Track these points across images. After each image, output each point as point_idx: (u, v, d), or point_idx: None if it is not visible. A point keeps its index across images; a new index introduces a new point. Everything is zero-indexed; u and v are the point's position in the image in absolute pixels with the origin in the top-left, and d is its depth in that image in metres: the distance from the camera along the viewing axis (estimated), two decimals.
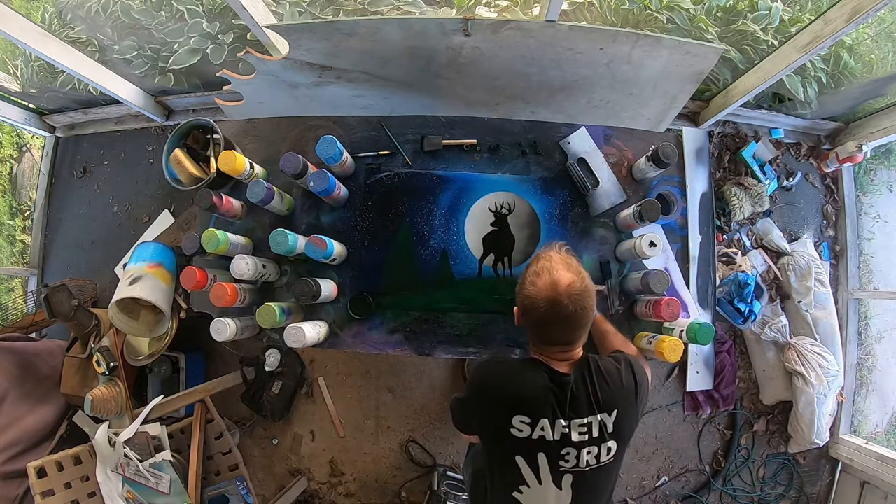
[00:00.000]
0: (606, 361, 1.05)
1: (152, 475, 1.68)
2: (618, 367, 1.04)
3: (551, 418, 0.98)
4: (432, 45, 1.60)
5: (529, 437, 0.99)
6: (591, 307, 1.00)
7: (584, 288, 0.98)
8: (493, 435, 1.06)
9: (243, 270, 1.28)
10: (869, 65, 2.02)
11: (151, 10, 1.92)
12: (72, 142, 2.50)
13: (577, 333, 1.02)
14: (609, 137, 1.54)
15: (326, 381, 2.24)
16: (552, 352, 1.04)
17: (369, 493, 2.24)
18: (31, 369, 1.90)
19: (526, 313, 1.04)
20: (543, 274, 1.00)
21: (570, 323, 0.99)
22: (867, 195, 2.46)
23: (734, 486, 2.27)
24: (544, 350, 1.05)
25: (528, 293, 1.01)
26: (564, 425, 0.98)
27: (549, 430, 0.98)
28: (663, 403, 2.25)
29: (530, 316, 1.02)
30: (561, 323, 0.99)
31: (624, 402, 1.02)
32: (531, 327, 1.06)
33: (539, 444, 0.99)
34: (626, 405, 1.02)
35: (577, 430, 0.98)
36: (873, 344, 2.41)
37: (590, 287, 1.00)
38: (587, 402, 0.99)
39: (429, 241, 1.49)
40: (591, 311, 1.00)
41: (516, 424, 0.99)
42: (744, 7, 1.89)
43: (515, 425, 0.99)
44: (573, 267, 1.02)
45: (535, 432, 0.98)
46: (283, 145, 1.54)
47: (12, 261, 2.75)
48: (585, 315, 0.99)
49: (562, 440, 0.98)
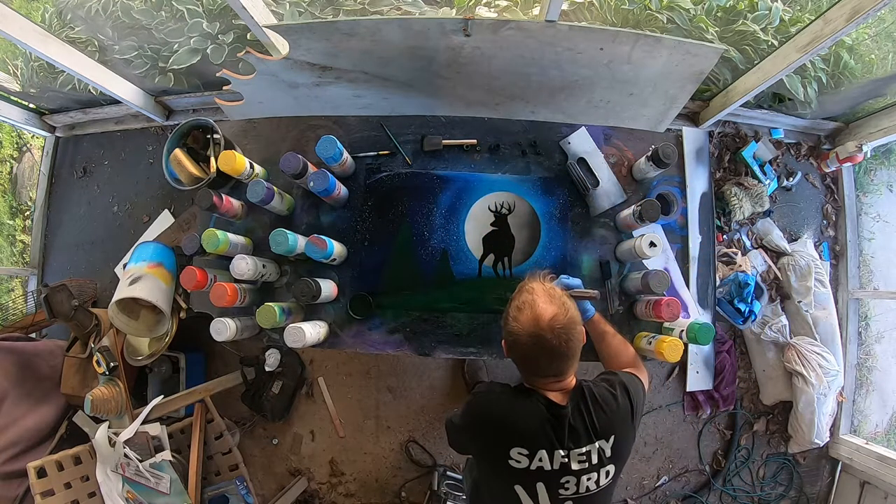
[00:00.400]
0: (601, 388, 1.04)
1: (152, 475, 1.68)
2: (612, 392, 1.04)
3: (549, 449, 0.97)
4: (432, 45, 1.60)
5: (528, 468, 0.98)
6: (577, 339, 0.99)
7: (567, 320, 0.97)
8: (491, 464, 1.06)
9: (243, 270, 1.28)
10: (869, 65, 2.02)
11: (151, 10, 1.92)
12: (72, 142, 2.50)
13: (566, 365, 1.00)
14: (609, 137, 1.54)
15: (326, 381, 2.24)
16: (544, 383, 1.03)
17: (369, 493, 2.24)
18: (31, 369, 1.90)
19: (511, 349, 1.03)
20: (525, 308, 0.98)
21: (557, 356, 0.98)
22: (867, 195, 2.46)
23: (734, 486, 2.27)
24: (536, 382, 1.04)
25: (511, 329, 1.00)
26: (563, 455, 0.97)
27: (548, 460, 0.98)
28: (663, 403, 2.25)
29: (516, 351, 1.01)
30: (547, 357, 0.98)
31: (621, 426, 1.02)
32: (518, 362, 1.04)
33: (538, 475, 0.99)
34: (624, 428, 1.02)
35: (576, 459, 0.98)
36: (873, 344, 2.41)
37: (574, 318, 0.99)
38: (585, 432, 0.98)
39: (429, 241, 1.49)
40: (577, 342, 0.99)
41: (514, 456, 0.99)
42: (744, 7, 1.89)
43: (513, 457, 0.99)
44: (556, 298, 1.00)
45: (534, 463, 0.98)
46: (283, 145, 1.54)
47: (12, 261, 2.75)
48: (571, 346, 0.98)
49: (561, 469, 0.98)
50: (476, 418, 1.08)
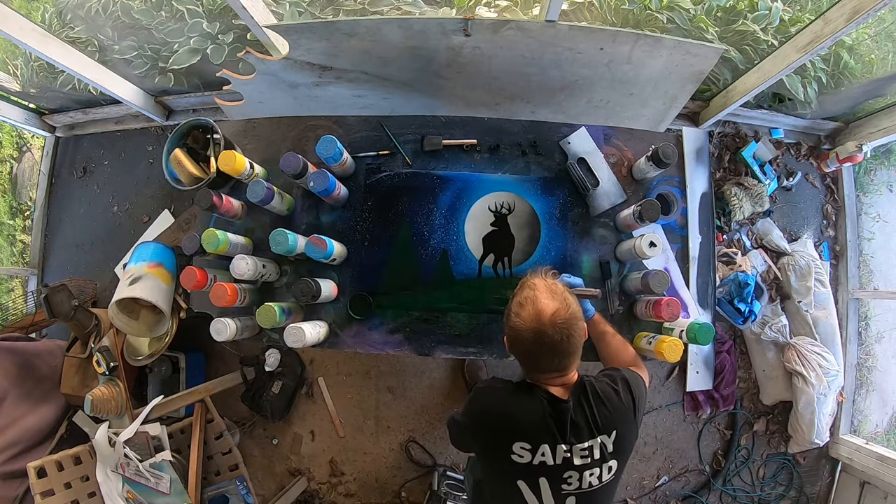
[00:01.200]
0: (602, 383, 1.04)
1: (152, 475, 1.68)
2: (615, 388, 1.04)
3: (552, 444, 0.97)
4: (432, 45, 1.60)
5: (530, 462, 0.98)
6: (578, 334, 0.98)
7: (569, 315, 0.97)
8: (494, 460, 1.06)
9: (243, 270, 1.28)
10: (869, 65, 2.02)
11: (151, 10, 1.92)
12: (72, 142, 2.50)
13: (568, 360, 1.00)
14: (609, 137, 1.53)
15: (326, 381, 2.24)
16: (546, 378, 1.03)
17: (369, 493, 2.24)
18: (31, 369, 1.90)
19: (513, 344, 1.03)
20: (527, 304, 0.98)
21: (559, 352, 0.98)
22: (867, 195, 2.46)
23: (734, 486, 2.27)
24: (538, 377, 1.04)
25: (513, 325, 1.00)
26: (566, 450, 0.97)
27: (550, 455, 0.98)
28: (663, 403, 2.25)
29: (517, 347, 1.02)
30: (549, 352, 0.98)
31: (623, 421, 1.02)
32: (520, 357, 1.05)
33: (540, 469, 0.99)
34: (626, 423, 1.02)
35: (578, 454, 0.98)
36: (873, 344, 2.41)
37: (576, 313, 0.98)
38: (587, 427, 0.99)
39: (429, 241, 1.49)
40: (578, 337, 0.99)
41: (517, 451, 0.99)
42: (744, 7, 1.89)
43: (516, 451, 0.99)
44: (558, 294, 1.00)
45: (536, 458, 0.98)
46: (283, 145, 1.54)
47: (12, 261, 2.75)
48: (573, 342, 0.98)
49: (563, 464, 0.98)
50: (478, 414, 1.08)
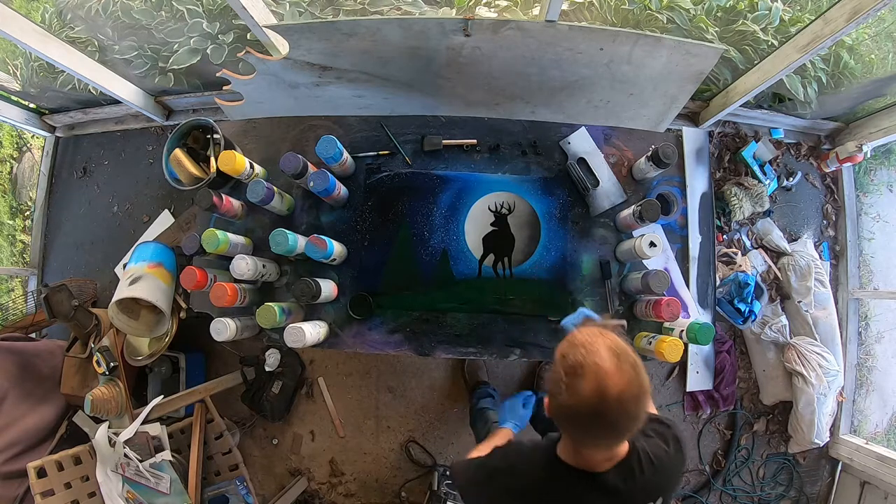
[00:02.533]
0: (654, 445, 0.91)
1: (152, 475, 1.68)
2: (666, 449, 0.92)
3: None
4: (432, 45, 1.60)
5: None
6: (644, 411, 0.78)
7: (639, 389, 0.76)
8: None
9: (243, 270, 1.28)
10: (869, 65, 2.02)
11: (151, 10, 1.92)
12: (72, 142, 2.50)
13: (627, 435, 0.82)
14: (609, 137, 1.54)
15: (326, 381, 2.24)
16: (593, 453, 0.86)
17: (369, 493, 2.24)
18: (31, 369, 1.90)
19: (559, 416, 0.81)
20: (588, 375, 0.74)
21: (619, 429, 0.78)
22: (867, 195, 2.46)
23: (734, 486, 2.27)
24: (582, 452, 0.87)
25: (562, 400, 0.77)
26: None
27: None
28: (663, 403, 2.25)
29: (565, 421, 0.82)
30: (608, 430, 0.78)
31: (676, 482, 0.95)
32: (565, 429, 0.86)
33: None
34: (676, 482, 0.95)
35: None
36: (873, 344, 2.40)
37: (645, 386, 0.77)
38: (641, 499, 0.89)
39: (429, 241, 1.49)
40: (644, 413, 0.79)
41: None
42: (744, 7, 1.88)
43: None
44: (626, 361, 0.76)
45: None
46: (283, 145, 1.54)
47: (12, 261, 2.75)
48: (639, 415, 0.77)
49: None
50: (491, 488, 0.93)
